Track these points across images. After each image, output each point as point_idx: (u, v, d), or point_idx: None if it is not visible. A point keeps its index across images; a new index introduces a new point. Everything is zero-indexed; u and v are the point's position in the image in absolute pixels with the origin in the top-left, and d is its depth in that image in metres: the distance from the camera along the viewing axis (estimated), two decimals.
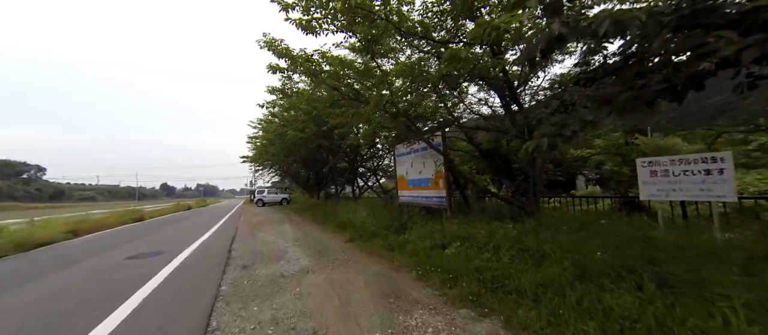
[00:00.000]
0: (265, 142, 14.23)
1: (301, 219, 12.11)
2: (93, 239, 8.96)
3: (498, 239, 4.62)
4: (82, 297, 3.70)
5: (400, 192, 9.72)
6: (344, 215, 8.83)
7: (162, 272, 4.61)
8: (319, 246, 6.36)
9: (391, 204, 10.60)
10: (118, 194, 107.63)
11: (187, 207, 24.99)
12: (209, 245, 7.05)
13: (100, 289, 3.94)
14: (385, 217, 8.34)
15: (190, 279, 4.29)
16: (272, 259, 5.34)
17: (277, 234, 8.30)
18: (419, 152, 8.67)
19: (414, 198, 9.01)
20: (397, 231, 7.03)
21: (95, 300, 3.56)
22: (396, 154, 10.00)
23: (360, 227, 7.61)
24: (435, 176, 8.00)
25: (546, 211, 7.02)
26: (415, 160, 8.93)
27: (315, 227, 9.44)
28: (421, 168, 8.63)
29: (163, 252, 6.18)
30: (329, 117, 8.20)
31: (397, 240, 5.96)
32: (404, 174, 9.52)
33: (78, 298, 3.65)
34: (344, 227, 8.27)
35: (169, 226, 11.70)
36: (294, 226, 10.01)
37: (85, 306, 3.39)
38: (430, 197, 8.28)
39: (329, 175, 18.21)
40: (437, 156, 7.78)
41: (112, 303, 3.38)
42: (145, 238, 8.54)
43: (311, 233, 8.20)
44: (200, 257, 5.76)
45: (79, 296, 3.72)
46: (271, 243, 6.92)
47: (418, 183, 8.76)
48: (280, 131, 10.13)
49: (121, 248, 7.10)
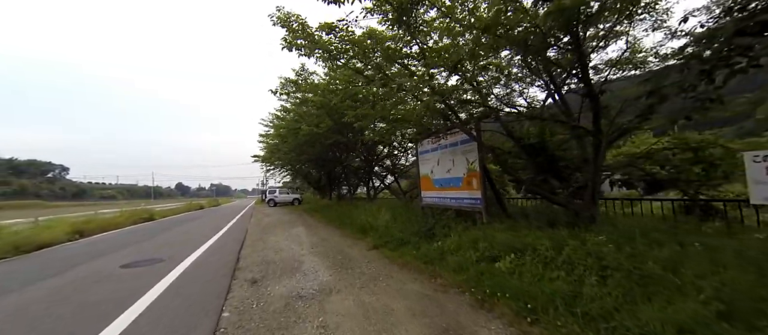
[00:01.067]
0: (277, 139, 13.48)
1: (314, 221, 11.25)
2: (97, 241, 8.29)
3: (569, 252, 3.59)
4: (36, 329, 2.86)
5: (424, 193, 8.74)
6: (364, 218, 7.90)
7: (155, 288, 3.77)
8: (339, 255, 5.45)
9: (411, 206, 9.62)
10: (136, 193, 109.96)
11: (199, 207, 24.58)
12: (216, 250, 6.23)
13: (70, 315, 3.10)
14: (410, 221, 7.38)
15: (186, 298, 3.43)
16: (286, 271, 4.45)
17: (290, 239, 7.44)
18: (447, 149, 7.68)
19: (440, 200, 8.01)
20: (426, 237, 6.07)
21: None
22: (419, 151, 9.02)
23: (383, 233, 6.68)
24: (467, 175, 7.00)
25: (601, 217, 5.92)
26: (442, 157, 7.94)
27: (331, 231, 8.54)
28: (449, 166, 7.63)
29: (162, 260, 5.37)
30: (347, 110, 7.30)
31: (431, 249, 4.99)
32: (428, 173, 8.54)
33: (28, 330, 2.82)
34: (364, 231, 7.34)
35: (177, 227, 11.02)
36: (308, 229, 9.14)
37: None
38: (460, 199, 7.26)
39: (342, 175, 17.37)
40: (470, 153, 6.80)
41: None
42: (150, 240, 7.81)
43: (328, 238, 7.30)
44: (204, 266, 4.92)
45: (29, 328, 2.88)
46: (285, 250, 6.05)
47: (446, 183, 7.76)
48: (292, 127, 9.30)
49: (121, 252, 6.36)
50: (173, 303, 3.27)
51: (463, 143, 7.09)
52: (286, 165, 23.31)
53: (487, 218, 6.37)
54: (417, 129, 9.10)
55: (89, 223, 10.28)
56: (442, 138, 7.79)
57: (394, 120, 9.06)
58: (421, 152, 8.92)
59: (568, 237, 4.04)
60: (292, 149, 11.59)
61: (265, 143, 20.06)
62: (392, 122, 8.89)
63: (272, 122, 16.74)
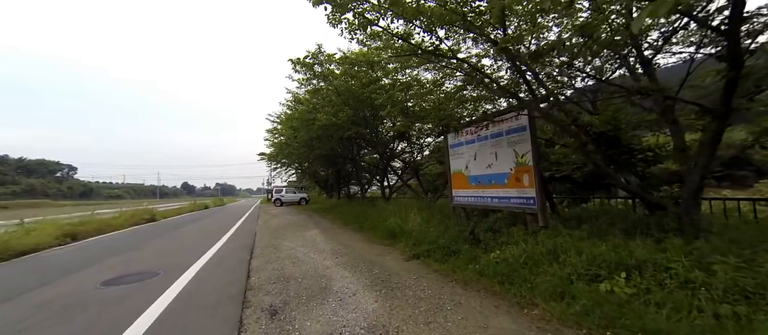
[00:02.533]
0: (288, 133, 12.35)
1: (328, 223, 10.12)
2: (88, 245, 7.22)
3: (727, 278, 2.46)
4: None
5: (456, 192, 7.58)
6: (392, 221, 6.76)
7: (138, 323, 2.65)
8: (374, 268, 4.31)
9: (435, 206, 8.46)
10: (142, 192, 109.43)
11: (204, 206, 23.55)
12: (221, 260, 5.11)
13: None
14: (442, 223, 6.26)
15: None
16: (314, 293, 3.32)
17: (306, 244, 6.31)
18: (488, 141, 6.53)
19: (478, 199, 6.85)
20: (473, 245, 4.96)
21: None
22: (449, 145, 7.86)
23: (419, 238, 5.55)
24: (515, 171, 5.85)
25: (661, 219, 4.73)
26: (480, 151, 6.78)
27: (351, 235, 7.41)
28: (490, 161, 6.48)
29: (157, 274, 4.26)
30: (371, 95, 6.17)
31: (493, 261, 3.86)
32: (462, 170, 7.37)
33: None
34: (393, 236, 6.22)
35: (179, 229, 9.93)
36: (324, 232, 8.01)
37: None
38: (505, 199, 6.10)
39: (353, 172, 16.24)
40: (519, 144, 5.67)
41: None
42: (148, 245, 6.72)
43: (351, 244, 6.16)
44: (207, 283, 3.80)
45: None
46: (303, 260, 4.92)
47: (487, 180, 6.60)
48: (306, 118, 8.20)
49: (110, 260, 5.26)
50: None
51: (510, 132, 5.95)
52: (293, 163, 22.23)
53: (544, 220, 5.23)
54: (443, 121, 7.96)
55: (83, 225, 9.21)
56: (481, 128, 6.64)
57: (421, 112, 7.94)
58: (452, 146, 7.76)
59: (680, 250, 2.93)
60: (303, 144, 10.48)
61: (272, 141, 18.97)
62: (420, 113, 7.76)
63: (280, 118, 15.65)
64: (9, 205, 48.30)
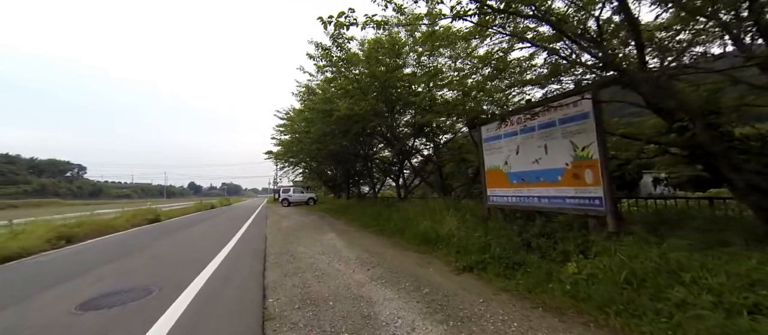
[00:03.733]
0: (300, 127, 11.42)
1: (344, 225, 9.20)
2: (80, 250, 6.37)
3: None
4: None
5: (492, 191, 6.63)
6: (424, 224, 5.80)
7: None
8: (420, 284, 3.37)
9: (463, 206, 7.47)
10: (150, 191, 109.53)
11: (210, 206, 22.76)
12: (229, 273, 4.21)
13: None
14: (482, 228, 5.31)
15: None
16: (358, 328, 2.39)
17: (326, 251, 5.39)
18: (535, 132, 5.59)
19: (522, 199, 5.90)
20: (530, 254, 4.04)
21: None
22: (483, 139, 6.91)
23: (462, 245, 4.62)
24: (572, 166, 4.92)
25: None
26: (524, 144, 5.85)
27: (374, 240, 6.47)
28: (538, 155, 5.54)
29: (150, 291, 3.37)
30: (396, 82, 5.24)
31: (579, 279, 2.92)
32: (500, 166, 6.43)
33: None
34: (428, 241, 5.28)
35: (183, 231, 9.07)
36: (342, 236, 7.09)
37: None
38: (559, 199, 5.16)
39: (364, 171, 15.32)
40: (579, 135, 4.76)
41: None
42: (146, 251, 5.85)
43: (378, 251, 5.23)
44: (211, 309, 2.89)
45: None
46: (329, 273, 3.99)
47: (533, 177, 5.66)
48: (322, 108, 7.30)
49: (99, 271, 4.39)
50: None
51: (565, 121, 5.01)
52: (301, 162, 21.38)
53: (615, 225, 4.27)
54: (471, 113, 7.00)
55: (80, 226, 8.38)
56: (525, 119, 5.70)
57: (445, 104, 6.99)
58: (486, 140, 6.81)
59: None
60: (316, 139, 9.58)
61: (279, 140, 18.13)
62: (444, 105, 6.81)
63: (288, 114, 14.78)
64: (19, 204, 48.14)
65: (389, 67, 6.00)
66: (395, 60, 6.23)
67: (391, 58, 6.08)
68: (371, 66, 5.87)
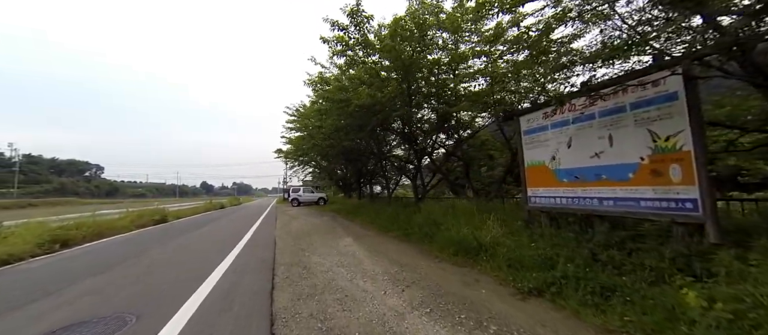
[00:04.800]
0: (311, 122, 10.62)
1: (360, 228, 8.34)
2: (71, 256, 5.69)
3: None
4: None
5: (534, 191, 5.67)
6: (463, 230, 4.87)
7: None
8: (480, 318, 2.46)
9: (494, 208, 6.49)
10: (164, 191, 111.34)
11: (220, 206, 22.27)
12: (229, 293, 3.38)
13: None
14: (526, 234, 4.37)
15: None
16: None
17: (346, 262, 4.52)
18: (595, 120, 4.64)
19: (575, 201, 4.95)
20: (603, 270, 3.08)
21: None
22: (523, 130, 5.94)
23: (514, 257, 3.68)
24: (649, 161, 3.97)
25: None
26: (579, 135, 4.89)
27: (398, 247, 5.58)
28: (599, 147, 4.58)
29: (124, 323, 2.55)
30: (422, 62, 4.32)
31: (721, 316, 1.95)
32: (545, 161, 5.47)
33: None
34: (465, 251, 4.36)
35: (187, 234, 8.36)
36: (361, 242, 6.22)
37: None
38: (631, 201, 4.20)
39: (378, 169, 14.45)
40: (659, 122, 3.82)
41: None
42: (142, 259, 5.10)
43: (407, 263, 4.33)
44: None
45: None
46: (353, 295, 3.12)
47: (592, 174, 4.69)
48: (338, 98, 6.45)
49: (80, 286, 3.63)
50: None
51: (640, 106, 4.05)
52: (311, 161, 20.68)
53: (717, 235, 3.31)
54: (502, 103, 6.03)
55: (79, 228, 7.75)
56: (580, 105, 4.73)
57: (471, 95, 6.03)
58: (526, 132, 5.83)
59: None
60: (328, 135, 8.75)
61: (288, 139, 17.43)
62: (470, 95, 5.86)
63: (298, 111, 14.04)
64: (37, 202, 49.08)
65: (414, 50, 5.12)
66: (419, 44, 5.35)
67: (414, 43, 5.19)
68: (394, 48, 4.98)
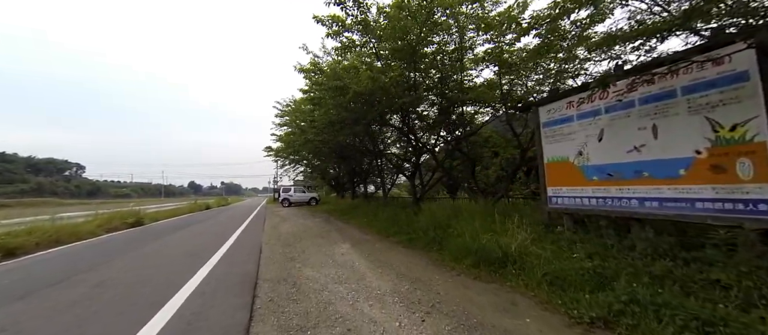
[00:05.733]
0: (303, 115, 9.70)
1: (357, 231, 7.52)
2: (8, 270, 4.64)
3: None
4: None
5: (556, 190, 5.01)
6: (474, 236, 4.12)
7: None
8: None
9: (504, 210, 5.80)
10: (149, 191, 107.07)
11: (206, 207, 20.95)
12: (191, 327, 2.51)
13: None
14: (551, 238, 3.68)
15: None
16: None
17: (345, 276, 3.71)
18: (634, 109, 4.01)
19: (607, 202, 4.31)
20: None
21: None
22: (542, 122, 5.26)
23: (551, 272, 2.95)
24: (708, 154, 3.34)
25: None
26: (613, 125, 4.25)
27: (404, 255, 4.79)
28: (640, 139, 3.95)
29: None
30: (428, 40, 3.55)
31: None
32: (569, 157, 4.82)
33: None
34: (487, 261, 3.61)
35: (159, 241, 7.35)
36: (359, 248, 5.41)
37: None
38: (683, 202, 3.57)
39: (374, 168, 13.65)
40: (720, 108, 3.19)
41: None
42: (92, 275, 4.15)
43: (419, 277, 3.56)
44: None
45: None
46: (358, 327, 2.32)
47: (631, 171, 4.06)
48: (332, 85, 5.60)
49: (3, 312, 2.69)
50: None
51: (693, 89, 3.43)
52: (302, 160, 19.68)
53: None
54: (513, 96, 5.33)
55: (31, 234, 6.64)
56: (615, 91, 4.08)
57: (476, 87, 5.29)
58: (547, 124, 5.15)
59: None
60: (322, 129, 7.86)
61: (278, 137, 16.41)
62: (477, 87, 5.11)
63: (289, 106, 13.09)
64: (12, 203, 45.90)
65: (420, 29, 4.37)
66: (425, 24, 4.60)
67: (421, 19, 4.44)
68: (399, 24, 4.21)
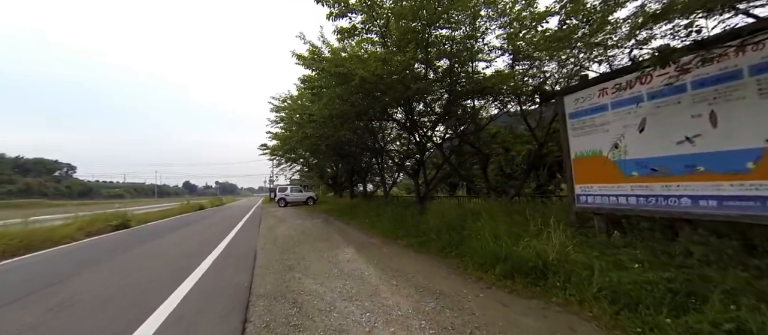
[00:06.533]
0: (301, 107, 9.03)
1: (360, 234, 6.91)
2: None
3: None
4: None
5: (585, 187, 4.47)
6: (498, 240, 3.55)
7: None
8: None
9: (519, 209, 5.25)
10: (142, 191, 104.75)
11: (199, 207, 20.09)
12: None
13: None
14: (585, 242, 3.13)
15: None
16: None
17: (354, 291, 3.11)
18: (686, 93, 3.51)
19: (650, 200, 3.78)
20: None
21: None
22: (568, 113, 4.71)
23: (609, 287, 2.39)
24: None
25: None
26: (658, 113, 3.76)
27: (418, 262, 4.20)
28: (693, 129, 3.42)
29: None
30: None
31: None
32: (601, 150, 4.29)
33: None
34: (524, 272, 3.05)
35: (143, 246, 6.65)
36: (365, 253, 4.80)
37: None
38: (750, 200, 2.98)
39: (375, 166, 13.05)
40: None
41: None
42: (51, 296, 3.48)
43: (448, 293, 2.97)
44: None
45: None
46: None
47: (681, 165, 3.52)
48: (334, 71, 4.96)
49: None
50: None
51: (760, 69, 2.92)
52: (299, 158, 18.96)
53: None
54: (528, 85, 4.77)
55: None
56: (661, 76, 3.56)
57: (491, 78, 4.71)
58: (574, 115, 4.61)
59: None
60: (321, 123, 7.22)
61: (274, 135, 15.67)
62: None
63: (285, 101, 12.39)
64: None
65: (434, 7, 3.80)
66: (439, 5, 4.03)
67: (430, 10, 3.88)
68: (408, 7, 3.63)
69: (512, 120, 8.53)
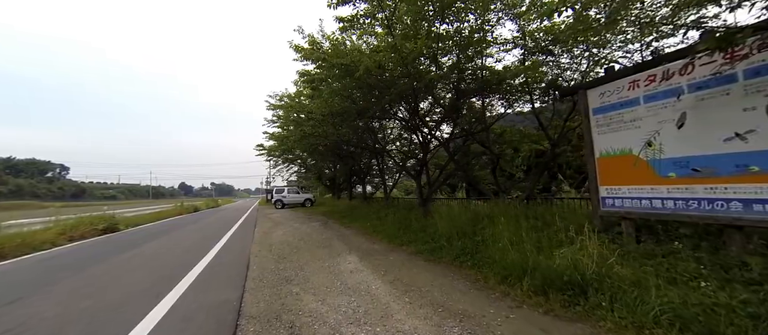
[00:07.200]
0: (301, 103, 8.54)
1: (362, 239, 6.44)
2: None
3: None
4: None
5: (613, 189, 4.05)
6: (523, 250, 3.11)
7: None
8: None
9: (534, 212, 4.80)
10: (137, 192, 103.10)
11: (194, 209, 19.43)
12: None
13: None
14: (621, 253, 2.70)
15: None
16: None
17: (359, 309, 2.65)
18: (736, 83, 3.08)
19: (690, 204, 3.34)
20: None
21: None
22: (592, 108, 4.30)
23: (674, 314, 1.95)
24: None
25: None
26: (699, 107, 3.32)
27: (431, 273, 3.73)
28: (743, 124, 3.00)
29: None
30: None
31: None
32: (631, 149, 3.88)
33: None
34: (559, 288, 2.61)
35: (127, 253, 6.11)
36: (370, 262, 4.33)
37: None
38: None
39: (375, 168, 12.60)
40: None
41: None
42: (18, 308, 2.97)
43: (473, 315, 2.51)
44: None
45: None
46: None
47: (729, 165, 3.10)
48: (336, 62, 4.52)
49: None
50: None
51: None
52: (296, 160, 18.45)
53: None
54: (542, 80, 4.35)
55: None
56: (705, 65, 3.16)
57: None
58: (599, 110, 4.19)
59: None
60: (321, 120, 6.74)
61: (270, 135, 15.15)
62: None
63: (282, 99, 11.90)
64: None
65: None
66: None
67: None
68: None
69: (519, 119, 8.15)
